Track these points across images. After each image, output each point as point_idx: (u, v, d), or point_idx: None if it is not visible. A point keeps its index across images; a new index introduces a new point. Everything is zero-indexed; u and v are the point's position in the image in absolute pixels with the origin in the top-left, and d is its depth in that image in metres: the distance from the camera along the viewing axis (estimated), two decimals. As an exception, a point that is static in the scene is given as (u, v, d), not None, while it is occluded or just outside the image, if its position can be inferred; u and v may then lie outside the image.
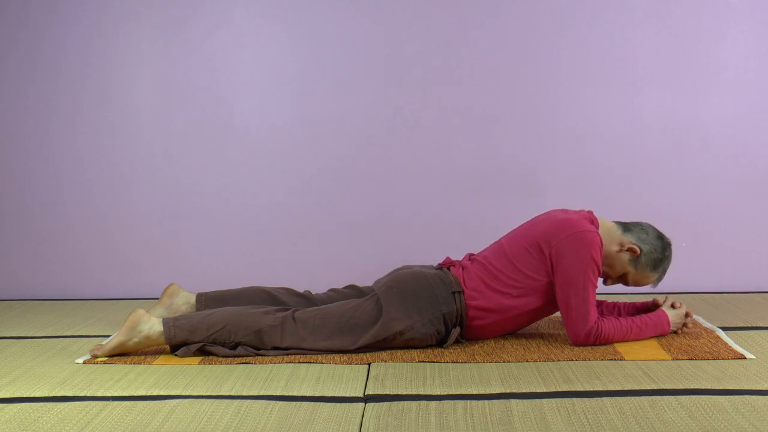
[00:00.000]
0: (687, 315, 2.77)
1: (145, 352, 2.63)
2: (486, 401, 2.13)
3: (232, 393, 2.23)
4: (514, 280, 2.67)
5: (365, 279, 3.07)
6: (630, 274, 2.71)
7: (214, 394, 2.22)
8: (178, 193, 3.68)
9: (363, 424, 1.99)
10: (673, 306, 2.79)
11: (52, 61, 3.63)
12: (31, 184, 3.69)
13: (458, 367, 2.45)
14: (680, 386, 2.23)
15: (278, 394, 2.22)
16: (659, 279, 2.74)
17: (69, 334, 2.96)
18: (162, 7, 3.60)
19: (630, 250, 2.67)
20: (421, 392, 2.22)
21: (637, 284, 2.74)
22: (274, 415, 2.05)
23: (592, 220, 2.71)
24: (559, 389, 2.22)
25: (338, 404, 2.13)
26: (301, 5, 3.61)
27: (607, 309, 2.87)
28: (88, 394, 2.22)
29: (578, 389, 2.22)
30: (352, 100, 3.63)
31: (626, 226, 2.73)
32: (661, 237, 2.72)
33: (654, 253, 2.68)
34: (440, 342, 2.67)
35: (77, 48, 3.63)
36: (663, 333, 2.73)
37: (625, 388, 2.22)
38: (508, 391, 2.21)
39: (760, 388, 2.21)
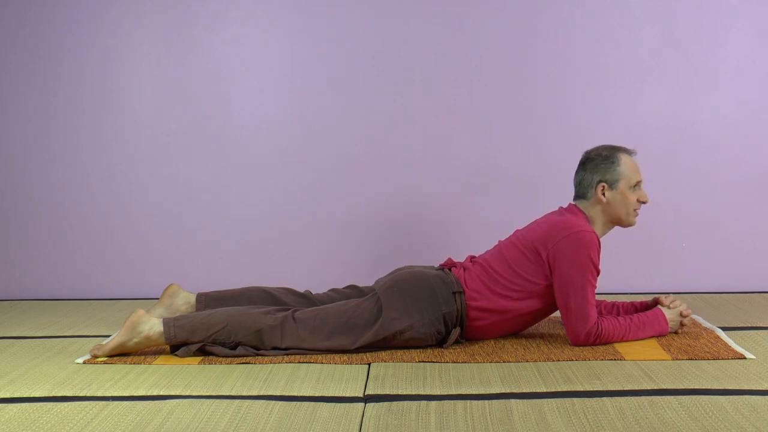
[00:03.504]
0: (682, 315, 2.77)
1: (145, 352, 2.63)
2: (486, 401, 2.13)
3: (232, 393, 2.23)
4: (514, 283, 2.67)
5: (365, 279, 3.08)
6: (626, 189, 2.69)
7: (214, 394, 2.22)
8: (178, 193, 3.68)
9: (363, 424, 1.99)
10: (664, 302, 2.79)
11: (52, 61, 3.63)
12: (31, 184, 3.69)
13: (458, 367, 2.45)
14: (680, 386, 2.23)
15: (278, 394, 2.22)
16: (627, 151, 2.73)
17: (69, 334, 2.96)
18: (162, 7, 3.60)
19: (602, 191, 2.69)
20: (421, 392, 2.22)
21: (637, 183, 2.70)
22: (274, 415, 2.05)
23: (585, 218, 2.71)
24: (559, 389, 2.22)
25: (338, 404, 2.13)
26: (301, 5, 3.61)
27: (605, 309, 2.87)
28: (88, 394, 2.22)
29: (578, 389, 2.22)
30: (351, 100, 3.63)
31: (580, 195, 2.75)
32: (585, 160, 2.74)
33: (599, 164, 2.70)
34: (440, 342, 2.68)
35: (77, 48, 3.63)
36: (662, 332, 2.73)
37: (625, 388, 2.22)
38: (508, 391, 2.21)
39: (760, 388, 2.20)
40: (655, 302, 2.84)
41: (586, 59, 3.58)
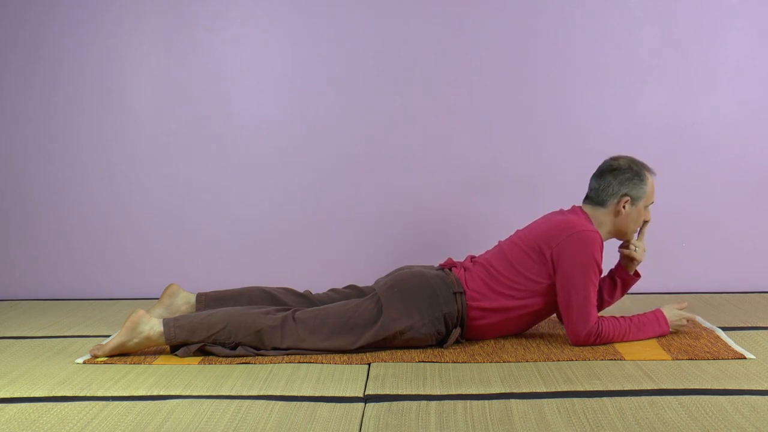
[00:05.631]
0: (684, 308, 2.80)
1: (145, 352, 2.63)
2: (486, 401, 2.13)
3: (232, 393, 2.23)
4: (516, 282, 2.67)
5: (365, 279, 3.08)
6: (642, 208, 2.71)
7: (214, 394, 2.22)
8: (178, 193, 3.68)
9: (363, 424, 1.99)
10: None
11: (52, 61, 3.63)
12: (31, 184, 3.69)
13: (458, 367, 2.45)
14: (680, 386, 2.23)
15: (278, 394, 2.22)
16: (651, 171, 2.74)
17: (69, 334, 2.96)
18: (162, 7, 3.60)
19: (624, 204, 2.69)
20: (421, 392, 2.22)
21: (652, 202, 2.74)
22: (274, 415, 2.05)
23: (588, 219, 2.71)
24: (559, 389, 2.22)
25: (338, 404, 2.13)
26: (301, 5, 3.61)
27: None
28: (88, 394, 2.23)
29: (578, 389, 2.22)
30: (352, 100, 3.63)
31: (597, 200, 2.73)
32: (613, 168, 2.72)
33: (629, 179, 2.69)
34: (440, 342, 2.68)
35: (77, 48, 3.63)
36: (663, 333, 2.73)
37: (625, 388, 2.22)
38: (508, 391, 2.22)
39: (760, 388, 2.21)
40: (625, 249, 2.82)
41: (586, 59, 3.58)
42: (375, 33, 3.62)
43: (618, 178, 2.70)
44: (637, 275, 2.86)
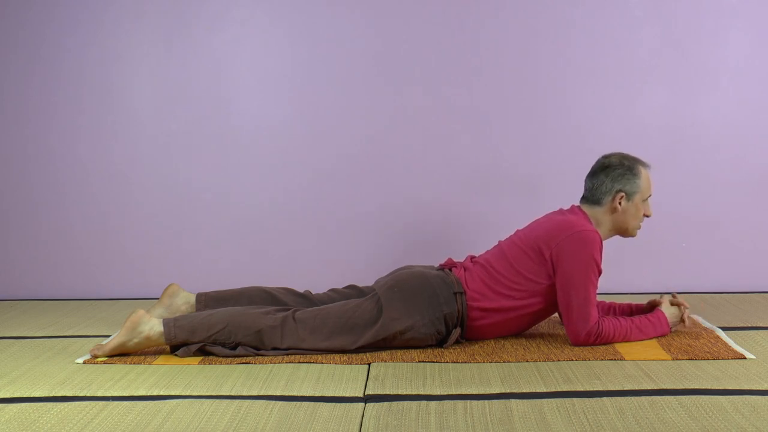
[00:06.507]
0: (681, 305, 2.78)
1: (145, 352, 2.63)
2: (486, 401, 2.13)
3: (232, 393, 2.23)
4: (516, 282, 2.67)
5: (365, 279, 3.08)
6: (639, 202, 2.71)
7: (214, 394, 2.22)
8: (178, 193, 3.68)
9: (363, 424, 1.99)
10: (661, 302, 2.80)
11: (52, 61, 3.63)
12: (31, 184, 3.69)
13: (458, 367, 2.45)
14: (680, 386, 2.23)
15: (278, 394, 2.22)
16: (645, 164, 2.74)
17: (69, 334, 2.96)
18: (162, 7, 3.61)
19: (619, 200, 2.69)
20: (421, 392, 2.22)
21: (649, 195, 2.73)
22: (274, 415, 2.05)
23: (588, 219, 2.71)
24: (559, 389, 2.22)
25: (338, 404, 2.13)
26: (301, 5, 3.61)
27: (602, 310, 2.86)
28: (88, 394, 2.22)
29: (578, 389, 2.22)
30: (352, 100, 3.63)
31: (592, 199, 2.73)
32: (605, 166, 2.73)
33: (621, 174, 2.69)
34: (440, 342, 2.68)
35: (77, 48, 3.63)
36: (663, 333, 2.73)
37: (625, 388, 2.22)
38: (508, 391, 2.21)
39: (760, 388, 2.21)
40: (651, 306, 2.83)
41: (586, 59, 3.58)
42: (375, 33, 3.62)
43: (610, 175, 2.71)
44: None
